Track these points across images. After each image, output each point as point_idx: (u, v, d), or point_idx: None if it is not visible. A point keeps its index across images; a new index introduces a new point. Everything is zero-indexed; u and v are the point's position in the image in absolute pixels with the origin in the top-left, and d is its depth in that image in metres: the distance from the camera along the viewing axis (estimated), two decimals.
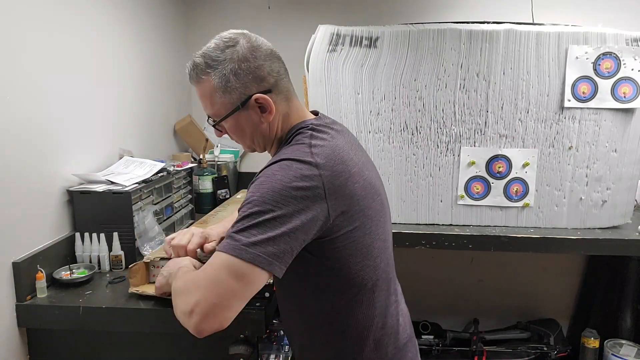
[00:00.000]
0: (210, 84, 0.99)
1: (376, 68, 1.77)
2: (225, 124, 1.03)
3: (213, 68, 0.98)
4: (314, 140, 0.96)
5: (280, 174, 0.88)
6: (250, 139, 1.05)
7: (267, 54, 1.00)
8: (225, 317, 0.86)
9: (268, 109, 0.99)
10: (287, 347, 1.88)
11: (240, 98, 0.98)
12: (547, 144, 1.80)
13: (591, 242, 1.76)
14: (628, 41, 1.74)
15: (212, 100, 1.00)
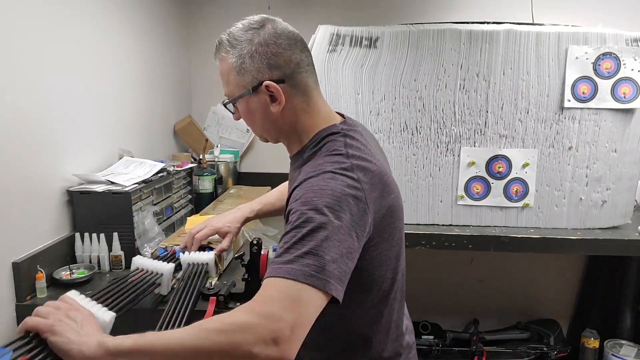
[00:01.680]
0: (228, 63, 0.97)
1: (376, 68, 1.77)
2: (239, 107, 1.01)
3: (233, 47, 0.96)
4: (350, 150, 0.92)
5: (329, 185, 0.85)
6: (260, 127, 1.02)
7: (291, 43, 0.96)
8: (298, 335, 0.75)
9: (277, 99, 0.95)
10: None
11: (252, 82, 0.95)
12: (547, 144, 1.80)
13: (591, 242, 1.76)
14: (628, 41, 1.74)
15: (228, 80, 0.99)
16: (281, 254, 0.80)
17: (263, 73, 0.95)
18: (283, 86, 0.95)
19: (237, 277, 1.36)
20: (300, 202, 0.84)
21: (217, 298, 1.23)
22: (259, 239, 1.24)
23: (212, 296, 1.23)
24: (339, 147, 0.93)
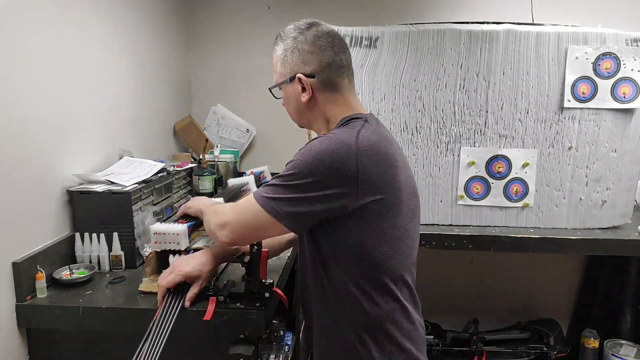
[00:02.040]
0: (277, 54, 1.16)
1: (376, 68, 1.77)
2: (280, 93, 1.19)
3: (282, 42, 1.15)
4: (364, 129, 1.05)
5: (320, 147, 1.00)
6: (294, 111, 1.18)
7: (328, 45, 1.12)
8: (244, 236, 1.12)
9: (305, 90, 1.12)
10: (287, 347, 1.88)
11: (290, 73, 1.13)
12: (546, 144, 1.80)
13: (591, 242, 1.76)
14: (628, 41, 1.74)
15: (275, 69, 1.17)
16: (265, 189, 1.06)
17: (299, 67, 1.12)
18: (312, 81, 1.11)
19: (237, 277, 1.36)
20: (294, 157, 1.03)
21: (217, 298, 1.23)
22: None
23: (212, 296, 1.23)
24: (355, 123, 1.07)
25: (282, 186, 1.02)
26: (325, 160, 0.99)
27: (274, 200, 1.02)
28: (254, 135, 2.63)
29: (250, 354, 1.26)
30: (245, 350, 1.26)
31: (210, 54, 2.60)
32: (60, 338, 1.32)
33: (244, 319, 1.22)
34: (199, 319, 1.21)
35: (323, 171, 0.99)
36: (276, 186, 1.03)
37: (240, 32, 2.55)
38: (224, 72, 2.60)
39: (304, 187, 1.00)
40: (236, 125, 2.62)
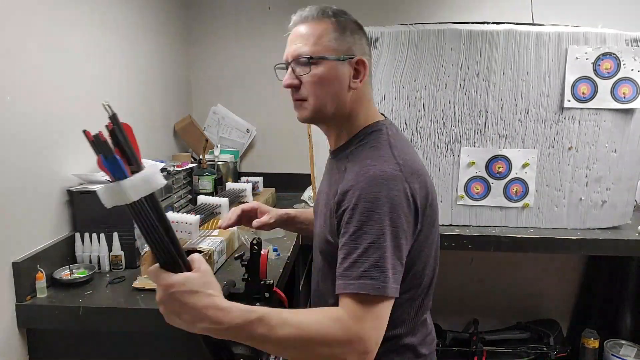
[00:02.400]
0: (326, 25, 1.00)
1: (376, 68, 1.77)
2: (319, 69, 0.99)
3: (338, 17, 1.02)
4: (394, 150, 0.97)
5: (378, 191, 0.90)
6: (331, 94, 1.01)
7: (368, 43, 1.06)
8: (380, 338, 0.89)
9: (360, 77, 1.01)
10: None
11: (347, 51, 1.00)
12: (546, 145, 1.80)
13: (591, 242, 1.76)
14: (628, 42, 1.74)
15: (316, 40, 1.00)
16: (349, 267, 0.89)
17: (359, 50, 1.01)
18: (367, 71, 1.02)
19: (237, 277, 1.36)
20: (358, 211, 0.90)
21: None
22: (259, 238, 1.24)
23: None
24: (382, 145, 0.98)
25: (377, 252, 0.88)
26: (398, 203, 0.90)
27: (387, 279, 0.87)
28: (254, 135, 2.63)
29: (250, 354, 1.26)
30: (245, 350, 1.26)
31: (210, 54, 2.60)
32: (60, 338, 1.32)
33: None
34: None
35: (402, 213, 0.90)
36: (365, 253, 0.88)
37: (241, 32, 2.56)
38: (224, 72, 2.60)
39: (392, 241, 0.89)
40: (236, 125, 2.62)
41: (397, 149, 0.98)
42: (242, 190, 2.11)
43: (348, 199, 0.92)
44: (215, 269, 1.47)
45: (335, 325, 0.84)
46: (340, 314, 0.86)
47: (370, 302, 0.86)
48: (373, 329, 0.86)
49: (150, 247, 0.80)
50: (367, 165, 0.94)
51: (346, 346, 0.84)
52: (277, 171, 2.62)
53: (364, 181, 0.92)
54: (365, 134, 1.02)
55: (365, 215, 0.89)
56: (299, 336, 0.83)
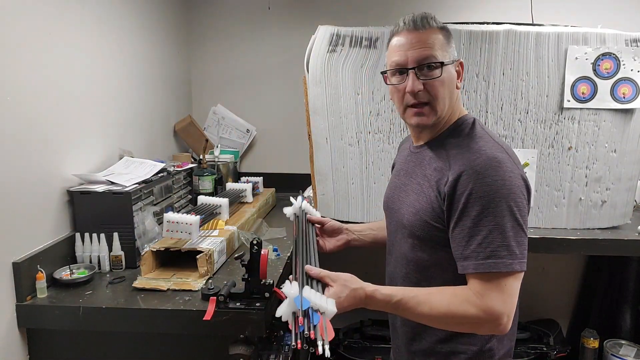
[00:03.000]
0: (439, 33, 1.09)
1: (376, 68, 1.77)
2: (444, 72, 1.07)
3: (441, 26, 1.11)
4: (495, 137, 1.06)
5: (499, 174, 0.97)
6: (448, 95, 1.08)
7: None
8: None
9: (460, 76, 1.12)
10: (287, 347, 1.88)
11: (453, 56, 1.11)
12: (546, 145, 1.80)
13: (591, 242, 1.76)
14: (627, 42, 1.74)
15: (440, 46, 1.07)
16: (475, 248, 0.97)
17: (457, 54, 1.14)
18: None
19: (237, 277, 1.36)
20: (476, 195, 0.96)
21: (217, 298, 1.23)
22: (259, 238, 1.25)
23: (212, 296, 1.24)
24: (481, 133, 1.06)
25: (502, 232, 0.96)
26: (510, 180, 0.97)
27: (514, 256, 0.96)
28: (254, 135, 2.63)
29: (250, 354, 1.26)
30: (245, 350, 1.26)
31: (210, 54, 2.60)
32: (60, 338, 1.32)
33: (244, 319, 1.23)
34: (199, 319, 1.21)
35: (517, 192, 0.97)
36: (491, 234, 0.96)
37: (241, 32, 2.56)
38: (224, 72, 2.60)
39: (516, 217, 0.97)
40: (236, 125, 2.62)
41: (494, 136, 1.07)
42: (242, 190, 2.11)
43: (463, 184, 0.98)
44: (215, 269, 1.47)
45: (464, 306, 0.96)
46: (467, 295, 0.97)
47: (498, 279, 0.95)
48: (502, 304, 0.95)
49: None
50: (477, 151, 1.01)
51: (477, 321, 0.96)
52: (277, 171, 2.61)
53: (478, 165, 0.98)
54: (459, 125, 1.10)
55: (485, 199, 0.96)
56: (434, 316, 0.98)
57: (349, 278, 0.99)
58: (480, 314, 0.95)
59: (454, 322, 0.99)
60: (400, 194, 1.17)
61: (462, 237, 0.99)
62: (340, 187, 1.88)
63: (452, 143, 1.07)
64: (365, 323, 2.41)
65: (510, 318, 0.96)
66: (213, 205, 1.77)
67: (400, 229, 1.15)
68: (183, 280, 1.39)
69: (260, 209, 2.12)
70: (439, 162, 1.06)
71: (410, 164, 1.17)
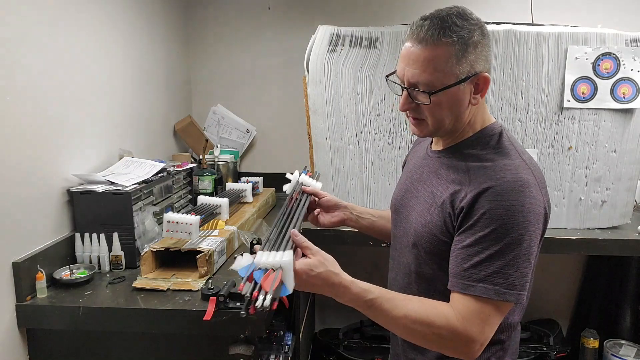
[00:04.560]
0: (446, 49, 0.91)
1: (376, 68, 1.77)
2: (439, 97, 0.94)
3: (460, 33, 0.91)
4: (522, 155, 0.97)
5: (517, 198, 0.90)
6: (450, 118, 0.98)
7: (489, 41, 0.97)
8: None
9: (481, 91, 0.96)
10: (287, 347, 1.89)
11: (468, 71, 0.93)
12: (546, 144, 1.80)
13: (591, 242, 1.76)
14: (627, 42, 1.74)
15: (436, 66, 0.92)
16: (469, 268, 0.90)
17: (480, 64, 0.94)
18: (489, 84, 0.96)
19: (237, 277, 1.36)
20: (490, 216, 0.89)
21: (217, 298, 1.23)
22: (259, 238, 1.24)
23: (212, 296, 1.24)
24: (509, 148, 0.97)
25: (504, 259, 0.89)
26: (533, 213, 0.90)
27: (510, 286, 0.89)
28: (254, 135, 2.63)
29: (250, 354, 1.26)
30: (245, 350, 1.26)
31: (210, 54, 2.60)
32: (60, 338, 1.32)
33: (244, 319, 1.22)
34: (199, 319, 1.21)
35: (532, 221, 0.90)
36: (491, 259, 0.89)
37: (241, 32, 2.56)
38: (224, 72, 2.60)
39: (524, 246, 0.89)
40: (236, 125, 2.62)
41: (523, 153, 0.98)
42: (242, 190, 2.11)
43: (481, 202, 0.91)
44: (215, 269, 1.47)
45: (440, 322, 0.89)
46: (447, 313, 0.90)
47: (483, 306, 0.89)
48: (480, 332, 0.89)
49: None
50: (502, 170, 0.93)
51: (448, 343, 0.90)
52: (277, 171, 2.61)
53: (500, 186, 0.90)
54: (483, 135, 1.00)
55: (498, 221, 0.89)
56: (404, 324, 0.91)
57: (330, 259, 0.91)
58: (454, 337, 0.89)
59: (422, 336, 0.91)
60: (411, 199, 1.09)
61: (460, 252, 0.92)
62: (340, 187, 1.88)
63: (473, 155, 0.98)
64: (365, 323, 2.40)
65: (482, 347, 0.90)
66: (213, 205, 1.77)
67: (405, 236, 1.09)
68: (183, 280, 1.39)
69: (260, 209, 2.12)
70: (457, 175, 0.98)
71: (425, 168, 1.09)
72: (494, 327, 0.91)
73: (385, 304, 0.91)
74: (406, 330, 0.92)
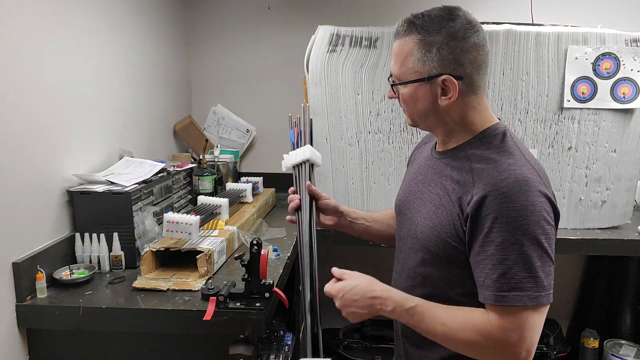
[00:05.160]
0: (411, 44, 0.96)
1: (376, 68, 1.77)
2: (402, 90, 1.01)
3: (424, 32, 0.95)
4: (525, 154, 0.97)
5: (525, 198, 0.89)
6: (418, 114, 1.02)
7: (479, 42, 0.96)
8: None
9: (449, 94, 0.96)
10: (287, 347, 1.89)
11: (430, 72, 0.96)
12: (546, 145, 1.81)
13: (591, 242, 1.76)
14: (627, 42, 1.74)
15: (404, 61, 0.98)
16: (498, 278, 0.90)
17: (445, 67, 0.95)
18: (459, 83, 0.96)
19: (237, 277, 1.36)
20: (503, 220, 0.89)
21: (217, 298, 1.23)
22: (259, 238, 1.25)
23: (212, 296, 1.24)
24: (512, 147, 0.97)
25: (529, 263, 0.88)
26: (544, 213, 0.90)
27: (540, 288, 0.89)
28: (254, 135, 2.63)
29: (250, 354, 1.26)
30: (245, 350, 1.26)
31: (210, 54, 2.60)
32: (60, 338, 1.32)
33: (244, 319, 1.23)
34: (199, 319, 1.21)
35: (546, 217, 0.90)
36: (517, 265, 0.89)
37: (241, 32, 2.56)
38: (224, 72, 2.60)
39: (544, 246, 0.90)
40: (236, 125, 2.62)
41: (525, 152, 0.98)
42: (242, 190, 2.11)
43: (488, 207, 0.90)
44: (215, 269, 1.47)
45: (480, 329, 0.90)
46: (485, 325, 0.91)
47: (519, 313, 0.89)
48: (520, 339, 0.89)
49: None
50: (505, 170, 0.92)
51: (488, 349, 0.91)
52: (277, 171, 2.60)
53: (506, 187, 0.90)
54: (487, 135, 1.00)
55: (512, 224, 0.88)
56: (444, 333, 0.93)
57: (365, 276, 1.00)
58: (495, 345, 0.90)
59: (462, 344, 0.93)
60: (415, 201, 1.09)
61: (484, 264, 0.92)
62: (340, 187, 1.88)
63: (477, 155, 0.98)
64: (365, 323, 2.41)
65: (530, 354, 0.89)
66: (213, 205, 1.77)
67: (411, 238, 1.08)
68: (183, 280, 1.39)
69: (260, 209, 2.12)
70: (461, 175, 0.98)
71: (430, 170, 1.08)
72: (536, 330, 0.90)
73: (426, 311, 0.95)
74: (446, 339, 0.94)
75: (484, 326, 0.90)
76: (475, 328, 0.91)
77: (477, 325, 0.91)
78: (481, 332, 0.90)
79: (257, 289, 1.25)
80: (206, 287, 1.30)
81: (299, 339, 1.95)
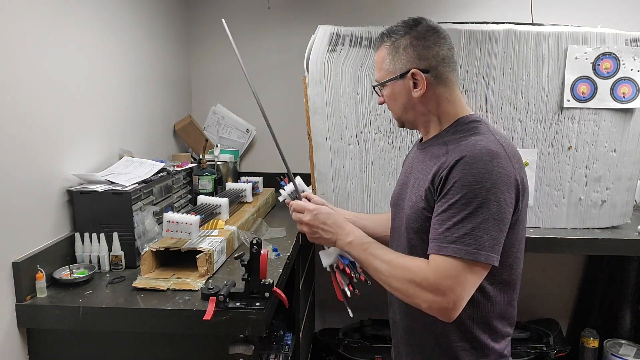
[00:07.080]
0: (384, 51, 1.15)
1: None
2: (385, 91, 1.17)
3: (390, 38, 1.14)
4: (495, 133, 1.06)
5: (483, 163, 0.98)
6: (401, 108, 1.16)
7: (438, 41, 1.11)
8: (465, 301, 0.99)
9: (419, 86, 1.10)
10: (287, 347, 1.89)
11: (401, 69, 1.12)
12: (546, 144, 1.81)
13: (590, 242, 1.76)
14: (627, 41, 1.74)
15: (381, 66, 1.16)
16: (443, 231, 0.98)
17: (412, 62, 1.11)
18: (427, 76, 1.10)
19: (237, 277, 1.36)
20: (460, 183, 0.98)
21: (217, 298, 1.23)
22: (259, 238, 1.25)
23: (212, 296, 1.24)
24: (483, 130, 1.07)
25: (473, 222, 0.96)
26: (502, 180, 0.97)
27: (479, 247, 0.95)
28: (254, 135, 2.63)
29: (250, 354, 1.26)
30: (245, 350, 1.26)
31: (210, 54, 2.60)
32: (60, 338, 1.32)
33: (244, 319, 1.23)
34: (199, 319, 1.21)
35: (501, 187, 0.97)
36: (462, 222, 0.96)
37: (241, 32, 2.56)
38: (224, 72, 2.60)
39: (492, 211, 0.96)
40: (236, 125, 2.62)
41: (498, 134, 1.07)
42: (242, 190, 2.11)
43: (454, 172, 0.99)
44: (215, 269, 1.47)
45: (416, 269, 1.00)
46: (424, 268, 0.99)
47: (456, 266, 0.96)
48: (450, 289, 0.96)
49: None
50: (474, 144, 1.02)
51: (421, 291, 0.98)
52: (277, 171, 2.61)
53: (470, 156, 0.99)
54: (461, 123, 1.11)
55: (468, 186, 0.97)
56: (388, 268, 1.04)
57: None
58: (427, 286, 0.97)
59: (400, 282, 1.01)
60: (405, 191, 1.18)
61: (436, 218, 1.01)
62: (340, 186, 1.88)
63: (452, 139, 1.08)
64: (365, 323, 2.41)
65: (457, 307, 0.96)
66: (213, 205, 1.77)
67: (401, 225, 1.17)
68: (183, 280, 1.39)
69: (260, 209, 2.12)
70: (439, 155, 1.08)
71: (415, 160, 1.20)
72: (468, 288, 0.97)
73: (378, 249, 1.08)
74: (389, 276, 1.04)
75: (423, 269, 0.99)
76: (414, 269, 1.00)
77: (417, 267, 1.00)
78: (418, 274, 0.99)
79: (257, 289, 1.25)
80: (206, 286, 1.30)
81: (299, 339, 1.95)
